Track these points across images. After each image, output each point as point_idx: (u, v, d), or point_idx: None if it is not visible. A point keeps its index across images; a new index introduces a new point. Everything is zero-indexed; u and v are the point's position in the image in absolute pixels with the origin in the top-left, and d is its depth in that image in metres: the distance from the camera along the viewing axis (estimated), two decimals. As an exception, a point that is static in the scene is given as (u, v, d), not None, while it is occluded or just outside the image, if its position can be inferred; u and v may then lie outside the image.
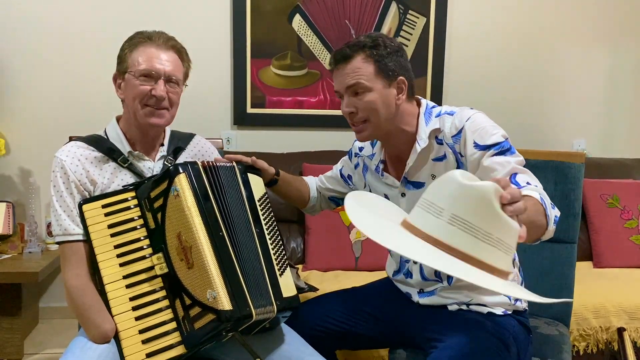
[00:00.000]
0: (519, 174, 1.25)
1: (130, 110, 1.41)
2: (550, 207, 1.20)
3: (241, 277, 1.25)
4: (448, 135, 1.37)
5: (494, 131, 1.31)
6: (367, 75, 1.33)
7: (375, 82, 1.34)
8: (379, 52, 1.34)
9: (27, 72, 2.72)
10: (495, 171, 1.26)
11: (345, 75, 1.35)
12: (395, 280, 1.59)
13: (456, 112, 1.38)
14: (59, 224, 1.33)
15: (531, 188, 1.22)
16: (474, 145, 1.31)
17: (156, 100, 1.38)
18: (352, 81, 1.34)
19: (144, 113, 1.38)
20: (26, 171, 2.76)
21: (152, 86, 1.37)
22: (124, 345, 1.23)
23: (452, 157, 1.37)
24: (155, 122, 1.39)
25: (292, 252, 2.58)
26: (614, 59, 3.11)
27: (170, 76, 1.39)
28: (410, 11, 2.90)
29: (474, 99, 2.98)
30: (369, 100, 1.34)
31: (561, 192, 1.73)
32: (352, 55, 1.34)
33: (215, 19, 2.80)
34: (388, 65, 1.34)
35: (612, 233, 2.62)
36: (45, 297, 2.85)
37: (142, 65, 1.37)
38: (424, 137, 1.39)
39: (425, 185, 1.41)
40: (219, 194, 1.31)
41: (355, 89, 1.34)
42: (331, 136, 2.92)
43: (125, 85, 1.40)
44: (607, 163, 2.91)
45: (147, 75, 1.37)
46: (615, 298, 2.16)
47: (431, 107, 1.43)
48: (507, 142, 1.31)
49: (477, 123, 1.33)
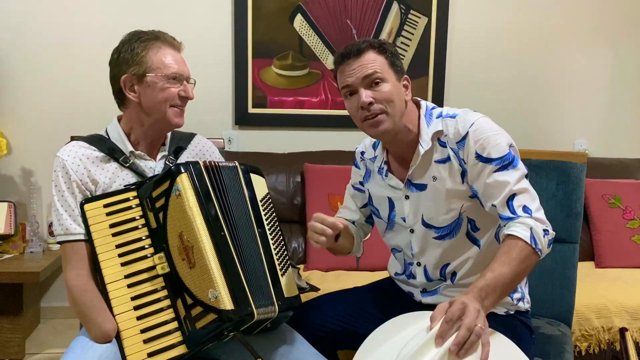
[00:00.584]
0: (516, 197, 1.30)
1: (154, 111, 1.40)
2: (541, 237, 1.26)
3: (243, 276, 1.25)
4: (452, 140, 1.37)
5: (497, 141, 1.32)
6: (382, 66, 1.35)
7: (389, 73, 1.36)
8: (388, 49, 1.38)
9: (29, 73, 2.72)
10: (492, 197, 1.32)
11: (361, 66, 1.34)
12: (398, 280, 1.58)
13: (458, 114, 1.38)
14: (60, 223, 1.33)
15: (521, 221, 1.27)
16: (475, 156, 1.33)
17: (184, 101, 1.42)
18: (369, 71, 1.34)
19: (172, 114, 1.41)
20: (28, 171, 2.76)
21: (178, 88, 1.40)
22: (126, 345, 1.23)
23: (455, 162, 1.37)
24: (181, 122, 1.44)
25: (294, 252, 2.58)
26: (616, 59, 3.11)
27: (189, 77, 1.44)
28: (412, 11, 2.90)
29: (476, 99, 2.98)
30: (386, 91, 1.34)
31: (563, 192, 1.72)
32: (364, 49, 1.35)
33: (217, 18, 2.80)
34: (396, 63, 1.38)
35: (614, 233, 2.61)
36: (46, 297, 2.86)
37: (172, 68, 1.39)
38: (426, 139, 1.38)
39: (427, 187, 1.41)
40: (221, 194, 1.31)
41: (373, 79, 1.34)
42: (332, 136, 2.92)
43: (146, 88, 1.38)
44: (609, 163, 2.90)
45: (175, 77, 1.39)
46: (617, 298, 2.16)
47: (431, 108, 1.43)
48: (510, 154, 1.32)
49: (481, 131, 1.33)
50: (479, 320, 1.11)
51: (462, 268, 1.43)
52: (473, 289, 1.20)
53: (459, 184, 1.37)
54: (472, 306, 1.12)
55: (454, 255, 1.43)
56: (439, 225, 1.41)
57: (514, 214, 1.29)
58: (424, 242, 1.45)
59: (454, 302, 1.14)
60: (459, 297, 1.15)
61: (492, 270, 1.22)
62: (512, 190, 1.30)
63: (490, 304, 1.20)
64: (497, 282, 1.21)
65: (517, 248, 1.24)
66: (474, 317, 1.10)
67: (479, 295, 1.18)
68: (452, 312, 1.12)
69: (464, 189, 1.37)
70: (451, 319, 1.11)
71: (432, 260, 1.45)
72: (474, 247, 1.42)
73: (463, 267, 1.43)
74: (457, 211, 1.39)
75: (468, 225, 1.41)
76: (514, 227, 1.27)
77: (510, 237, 1.26)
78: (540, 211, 1.30)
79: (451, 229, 1.41)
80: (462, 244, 1.42)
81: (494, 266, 1.23)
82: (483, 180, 1.32)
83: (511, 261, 1.23)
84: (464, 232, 1.41)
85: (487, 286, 1.20)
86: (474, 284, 1.22)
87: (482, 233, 1.41)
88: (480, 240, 1.42)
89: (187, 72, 1.43)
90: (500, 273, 1.21)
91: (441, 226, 1.41)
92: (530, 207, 1.29)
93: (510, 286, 1.24)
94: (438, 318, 1.14)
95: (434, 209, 1.40)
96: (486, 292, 1.19)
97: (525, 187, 1.31)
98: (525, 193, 1.30)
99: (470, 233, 1.41)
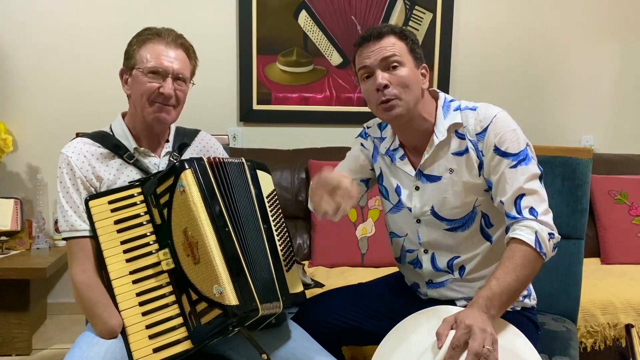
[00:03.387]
0: (525, 197, 1.30)
1: (136, 106, 1.41)
2: (546, 241, 1.26)
3: (247, 272, 1.25)
4: (472, 132, 1.36)
5: (516, 137, 1.32)
6: (401, 50, 1.35)
7: (408, 58, 1.36)
8: (409, 37, 1.38)
9: (34, 70, 2.73)
10: (502, 192, 1.32)
11: (380, 48, 1.34)
12: (403, 267, 1.57)
13: (479, 107, 1.38)
14: (65, 220, 1.34)
15: (526, 224, 1.27)
16: (494, 149, 1.33)
17: (164, 98, 1.38)
18: (389, 53, 1.33)
19: (151, 110, 1.39)
20: (34, 168, 2.77)
21: (160, 83, 1.37)
22: (131, 341, 1.23)
23: (473, 153, 1.36)
24: (162, 118, 1.40)
25: (299, 248, 2.58)
26: (624, 55, 3.09)
27: (178, 74, 1.40)
28: (417, 7, 2.89)
29: (481, 94, 2.97)
30: (403, 75, 1.34)
31: (569, 188, 1.72)
32: (385, 33, 1.35)
33: (221, 15, 2.80)
34: (416, 50, 1.38)
35: (620, 229, 2.60)
36: (53, 293, 2.87)
37: (151, 62, 1.37)
38: (442, 130, 1.38)
39: (442, 179, 1.39)
40: (225, 190, 1.31)
41: (391, 61, 1.34)
42: (337, 132, 2.92)
43: (132, 82, 1.40)
44: (615, 159, 2.89)
45: (155, 72, 1.37)
46: (623, 294, 2.14)
47: (449, 100, 1.43)
48: (525, 150, 1.32)
49: (502, 125, 1.33)
50: (487, 342, 1.11)
51: (471, 262, 1.43)
52: (478, 299, 1.20)
53: (476, 177, 1.37)
54: (478, 327, 1.12)
55: (465, 249, 1.42)
56: (452, 218, 1.41)
57: (520, 215, 1.29)
58: (433, 233, 1.44)
59: (459, 323, 1.14)
60: (464, 318, 1.15)
61: (497, 278, 1.22)
62: (522, 190, 1.29)
63: (496, 313, 1.21)
64: (503, 290, 1.21)
65: (521, 253, 1.24)
66: (481, 340, 1.10)
67: (484, 305, 1.18)
68: (458, 337, 1.12)
69: (479, 182, 1.37)
70: (457, 345, 1.12)
71: (441, 250, 1.44)
72: (487, 242, 1.42)
73: (472, 261, 1.43)
74: (471, 204, 1.39)
75: (482, 221, 1.40)
76: (519, 230, 1.27)
77: (515, 240, 1.26)
78: (547, 214, 1.30)
79: (464, 222, 1.40)
80: (474, 238, 1.41)
81: (498, 273, 1.23)
82: (498, 174, 1.32)
83: (516, 267, 1.23)
84: (477, 227, 1.41)
85: (493, 295, 1.20)
86: (478, 294, 1.22)
87: (495, 229, 1.41)
88: (493, 236, 1.41)
89: (175, 69, 1.38)
90: (506, 281, 1.21)
91: (454, 218, 1.41)
92: (537, 209, 1.28)
93: (515, 294, 1.24)
94: (444, 336, 1.14)
95: (448, 201, 1.40)
96: (491, 302, 1.19)
97: (535, 188, 1.30)
98: (535, 194, 1.30)
99: (484, 229, 1.41)
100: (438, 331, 1.16)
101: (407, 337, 1.24)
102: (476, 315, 1.15)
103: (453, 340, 1.13)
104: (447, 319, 1.17)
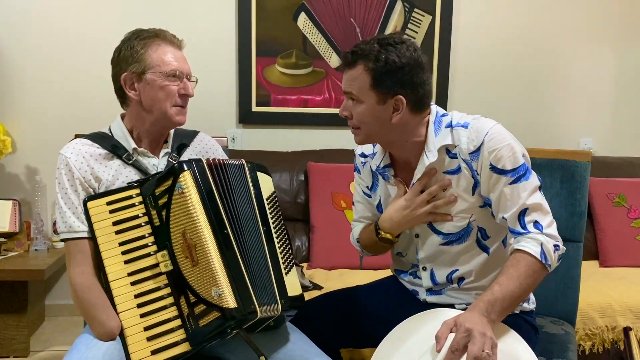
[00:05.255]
0: (528, 212, 1.29)
1: (151, 110, 1.40)
2: (552, 252, 1.26)
3: (246, 274, 1.24)
4: (465, 151, 1.33)
5: (512, 151, 1.30)
6: (361, 87, 1.30)
7: (368, 96, 1.30)
8: (378, 68, 1.27)
9: (33, 71, 2.73)
10: (504, 209, 1.30)
11: (345, 80, 1.34)
12: (403, 279, 1.58)
13: (470, 123, 1.34)
14: (63, 221, 1.34)
15: (531, 237, 1.26)
16: (490, 168, 1.31)
17: (184, 99, 1.42)
18: (348, 89, 1.33)
19: (174, 112, 1.41)
20: (32, 169, 2.77)
21: (178, 85, 1.40)
22: (129, 342, 1.23)
23: (467, 172, 1.34)
24: (182, 120, 1.44)
25: (297, 250, 2.58)
26: (622, 58, 3.09)
27: (189, 74, 1.43)
28: (416, 9, 2.89)
29: (480, 97, 2.97)
30: (359, 112, 1.33)
31: (567, 191, 1.72)
32: (354, 62, 1.30)
33: (221, 17, 2.80)
34: (385, 83, 1.28)
35: (619, 232, 2.60)
36: (51, 294, 2.87)
37: (171, 65, 1.38)
38: (432, 150, 1.34)
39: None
40: (225, 192, 1.31)
41: (350, 96, 1.34)
42: (336, 135, 2.92)
43: (145, 86, 1.39)
44: (613, 162, 2.89)
45: (175, 75, 1.39)
46: (621, 297, 2.15)
47: (441, 115, 1.38)
48: (523, 165, 1.30)
49: (495, 143, 1.30)
50: (486, 346, 1.11)
51: (470, 274, 1.42)
52: (479, 302, 1.20)
53: (469, 196, 1.36)
54: (477, 331, 1.12)
55: (463, 261, 1.42)
56: (447, 232, 1.40)
57: (525, 230, 1.28)
58: (430, 248, 1.43)
59: (458, 326, 1.14)
60: (464, 321, 1.15)
61: (500, 284, 1.22)
62: (525, 205, 1.28)
63: (497, 317, 1.21)
64: (505, 296, 1.21)
65: (526, 262, 1.24)
66: (481, 344, 1.10)
67: (485, 309, 1.18)
68: (457, 341, 1.12)
69: (472, 201, 1.36)
70: (457, 348, 1.12)
71: (439, 265, 1.44)
72: (483, 254, 1.41)
73: (470, 273, 1.42)
74: (466, 221, 1.38)
75: (478, 234, 1.40)
76: (524, 242, 1.27)
77: (520, 251, 1.26)
78: (551, 226, 1.29)
79: (460, 236, 1.40)
80: (471, 251, 1.41)
81: (502, 279, 1.23)
82: (497, 191, 1.31)
83: (519, 275, 1.23)
84: (473, 239, 1.40)
85: (495, 300, 1.20)
86: (480, 297, 1.22)
87: (493, 241, 1.40)
88: (490, 247, 1.41)
89: (187, 69, 1.43)
90: (509, 287, 1.22)
91: (449, 232, 1.40)
92: (542, 222, 1.28)
93: (517, 301, 1.25)
94: (443, 339, 1.14)
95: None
96: (493, 306, 1.19)
97: (538, 201, 1.29)
98: (538, 209, 1.29)
99: (480, 241, 1.40)
100: (437, 334, 1.16)
101: (406, 340, 1.24)
102: (476, 319, 1.15)
103: (452, 343, 1.12)
104: (446, 322, 1.17)
